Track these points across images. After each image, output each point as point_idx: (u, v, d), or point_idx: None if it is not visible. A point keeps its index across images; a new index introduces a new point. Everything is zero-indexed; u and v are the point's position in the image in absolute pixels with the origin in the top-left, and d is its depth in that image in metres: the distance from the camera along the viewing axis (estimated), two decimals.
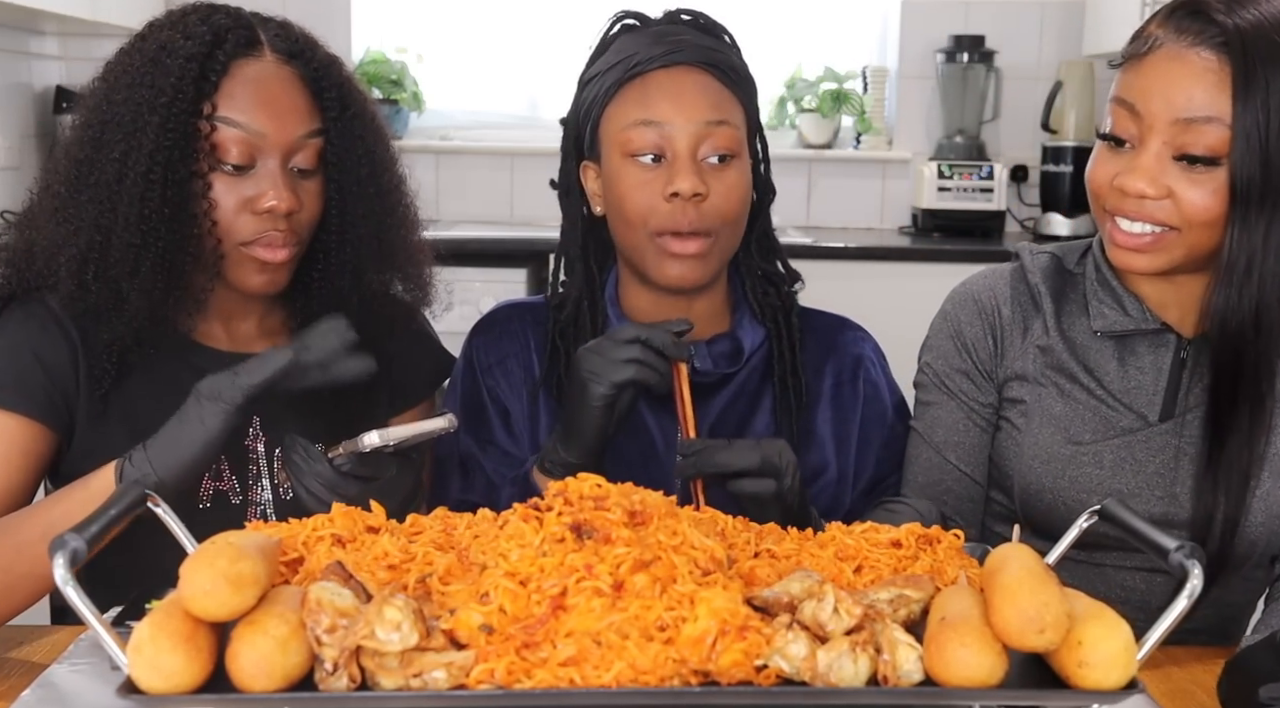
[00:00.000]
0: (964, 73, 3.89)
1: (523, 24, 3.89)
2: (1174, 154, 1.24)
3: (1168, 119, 1.23)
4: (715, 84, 1.42)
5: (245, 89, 1.31)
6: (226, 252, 1.32)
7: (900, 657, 0.81)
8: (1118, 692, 0.80)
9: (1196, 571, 0.86)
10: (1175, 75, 1.24)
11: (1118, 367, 1.37)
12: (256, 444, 1.40)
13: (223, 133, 1.30)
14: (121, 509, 0.94)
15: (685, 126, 1.38)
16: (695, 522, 0.99)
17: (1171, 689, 1.22)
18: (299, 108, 1.34)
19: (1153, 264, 1.28)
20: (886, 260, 3.50)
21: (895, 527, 1.06)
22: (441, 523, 1.04)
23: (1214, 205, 1.23)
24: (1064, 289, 1.41)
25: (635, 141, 1.39)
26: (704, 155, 1.39)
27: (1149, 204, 1.25)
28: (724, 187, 1.39)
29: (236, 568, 0.81)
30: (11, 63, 3.34)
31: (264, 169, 1.32)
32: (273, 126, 1.31)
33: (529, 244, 3.35)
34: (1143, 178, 1.24)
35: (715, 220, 1.39)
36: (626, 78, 1.41)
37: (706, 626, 0.81)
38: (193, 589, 0.80)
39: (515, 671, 0.79)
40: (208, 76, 1.30)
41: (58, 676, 1.09)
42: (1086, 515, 1.00)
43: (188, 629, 0.80)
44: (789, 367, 1.49)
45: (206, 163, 1.30)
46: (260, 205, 1.31)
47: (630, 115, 1.40)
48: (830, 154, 4.04)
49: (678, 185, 1.36)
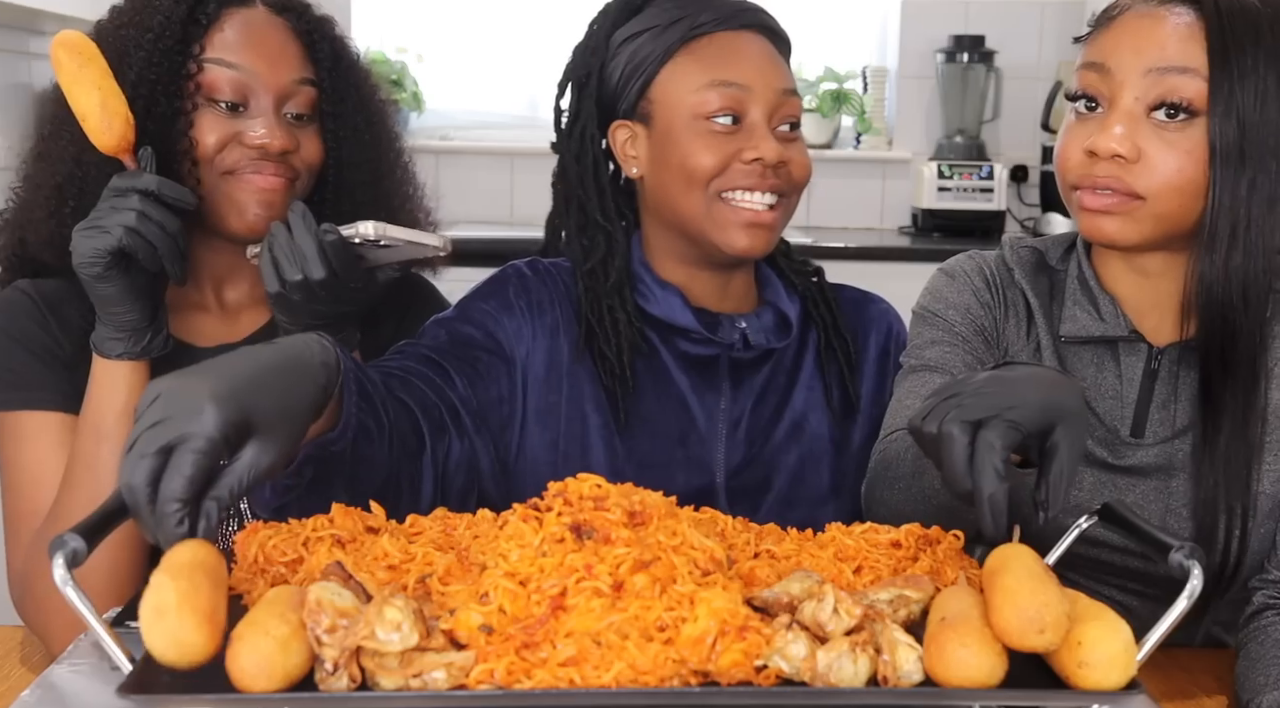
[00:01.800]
0: (964, 73, 3.89)
1: (523, 24, 3.89)
2: (1149, 105, 1.19)
3: (1140, 70, 1.19)
4: (776, 52, 1.41)
5: (236, 33, 1.32)
6: (210, 187, 1.31)
7: (900, 657, 0.81)
8: (1118, 692, 0.80)
9: (1197, 571, 0.85)
10: (1146, 30, 1.21)
11: (1094, 374, 1.32)
12: None
13: (213, 73, 1.30)
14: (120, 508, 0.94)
15: (764, 92, 1.35)
16: (695, 522, 0.99)
17: (1171, 689, 1.22)
18: (291, 54, 1.35)
19: (1123, 231, 1.22)
20: (886, 260, 3.50)
21: (895, 527, 1.06)
22: (441, 523, 1.04)
23: (1186, 167, 1.19)
24: (1050, 288, 1.36)
25: (712, 102, 1.34)
26: (778, 124, 1.37)
27: (1118, 168, 1.20)
28: (798, 155, 1.38)
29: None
30: (11, 63, 3.33)
31: (257, 109, 1.32)
32: (264, 68, 1.32)
33: (529, 244, 3.31)
34: (1113, 136, 1.19)
35: (790, 186, 1.38)
36: (690, 36, 1.37)
37: (706, 626, 0.81)
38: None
39: (515, 671, 0.79)
40: (198, 19, 1.31)
41: (58, 676, 1.09)
42: (1087, 516, 1.00)
43: (209, 607, 0.79)
44: (833, 330, 1.47)
45: (191, 102, 1.30)
46: (250, 140, 1.31)
47: (702, 75, 1.35)
48: (830, 154, 4.04)
49: (762, 151, 1.33)
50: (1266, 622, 1.22)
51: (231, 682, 0.78)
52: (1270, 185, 1.19)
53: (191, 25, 1.30)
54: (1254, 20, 1.18)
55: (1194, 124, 1.19)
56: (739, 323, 1.43)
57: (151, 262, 1.22)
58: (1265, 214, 1.19)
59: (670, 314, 1.41)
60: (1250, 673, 1.17)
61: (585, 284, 1.42)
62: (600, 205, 1.44)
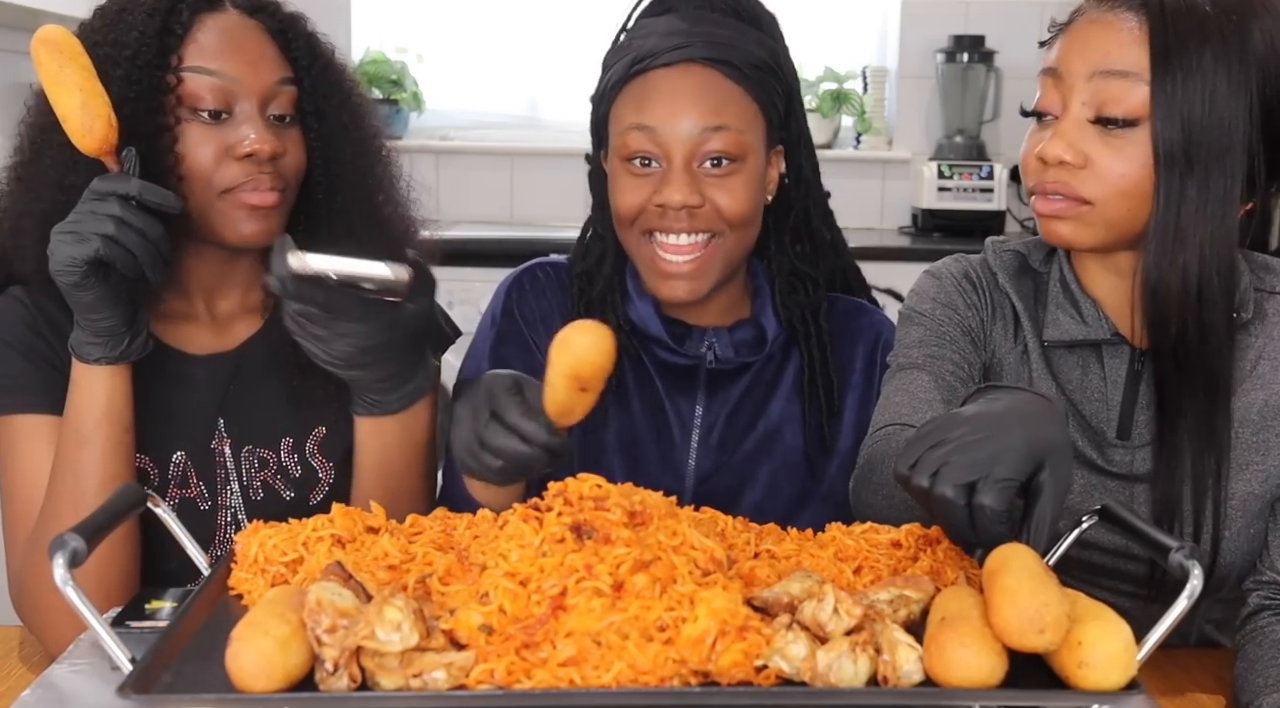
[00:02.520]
0: (964, 73, 3.89)
1: (523, 24, 3.89)
2: (1092, 116, 1.20)
3: (1085, 74, 1.20)
4: (722, 82, 1.36)
5: (212, 39, 1.30)
6: (206, 204, 1.29)
7: (900, 657, 0.81)
8: (1118, 692, 0.80)
9: (1196, 571, 0.85)
10: (1094, 35, 1.21)
11: (1080, 377, 1.31)
12: (223, 446, 1.37)
13: (193, 82, 1.28)
14: (120, 509, 0.94)
15: (678, 134, 1.34)
16: (695, 522, 0.99)
17: (1171, 689, 1.22)
18: (268, 55, 1.33)
19: (1077, 234, 1.23)
20: (886, 260, 3.49)
21: (895, 527, 1.06)
22: (441, 523, 1.04)
23: (1131, 172, 1.19)
24: (1034, 291, 1.35)
25: (629, 146, 1.37)
26: (700, 161, 1.35)
27: (1067, 174, 1.20)
28: (724, 193, 1.36)
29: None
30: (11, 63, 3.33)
31: (241, 115, 1.29)
32: (245, 72, 1.30)
33: (529, 244, 3.34)
34: (1061, 143, 1.20)
35: (717, 224, 1.37)
36: (629, 76, 1.38)
37: (706, 626, 0.81)
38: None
39: (515, 671, 0.79)
40: (172, 29, 1.28)
41: (58, 676, 1.09)
42: (1087, 516, 1.00)
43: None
44: (819, 367, 1.46)
45: (174, 116, 1.27)
46: (240, 150, 1.28)
47: (628, 118, 1.38)
48: (830, 154, 4.03)
49: (667, 197, 1.35)
50: (1264, 623, 1.22)
51: (231, 682, 0.78)
52: (1223, 183, 1.18)
53: (167, 37, 1.28)
54: (1200, 20, 1.17)
55: (1139, 129, 1.19)
56: (709, 338, 1.46)
57: (131, 270, 1.18)
58: (1220, 211, 1.18)
59: (643, 323, 1.45)
60: (1249, 675, 1.17)
61: (579, 286, 1.48)
62: (601, 214, 1.48)
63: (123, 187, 1.18)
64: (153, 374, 1.30)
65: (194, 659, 0.85)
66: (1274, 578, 1.26)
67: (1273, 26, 1.18)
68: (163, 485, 1.34)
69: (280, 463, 1.39)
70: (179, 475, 1.35)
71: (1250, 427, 1.27)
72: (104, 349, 1.23)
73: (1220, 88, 1.17)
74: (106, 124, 1.18)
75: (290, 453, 1.39)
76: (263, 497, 1.37)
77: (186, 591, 1.03)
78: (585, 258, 1.49)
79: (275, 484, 1.38)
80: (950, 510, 0.92)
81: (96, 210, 1.17)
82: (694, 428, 1.46)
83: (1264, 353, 1.27)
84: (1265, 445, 1.27)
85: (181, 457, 1.35)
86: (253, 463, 1.38)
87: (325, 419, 1.39)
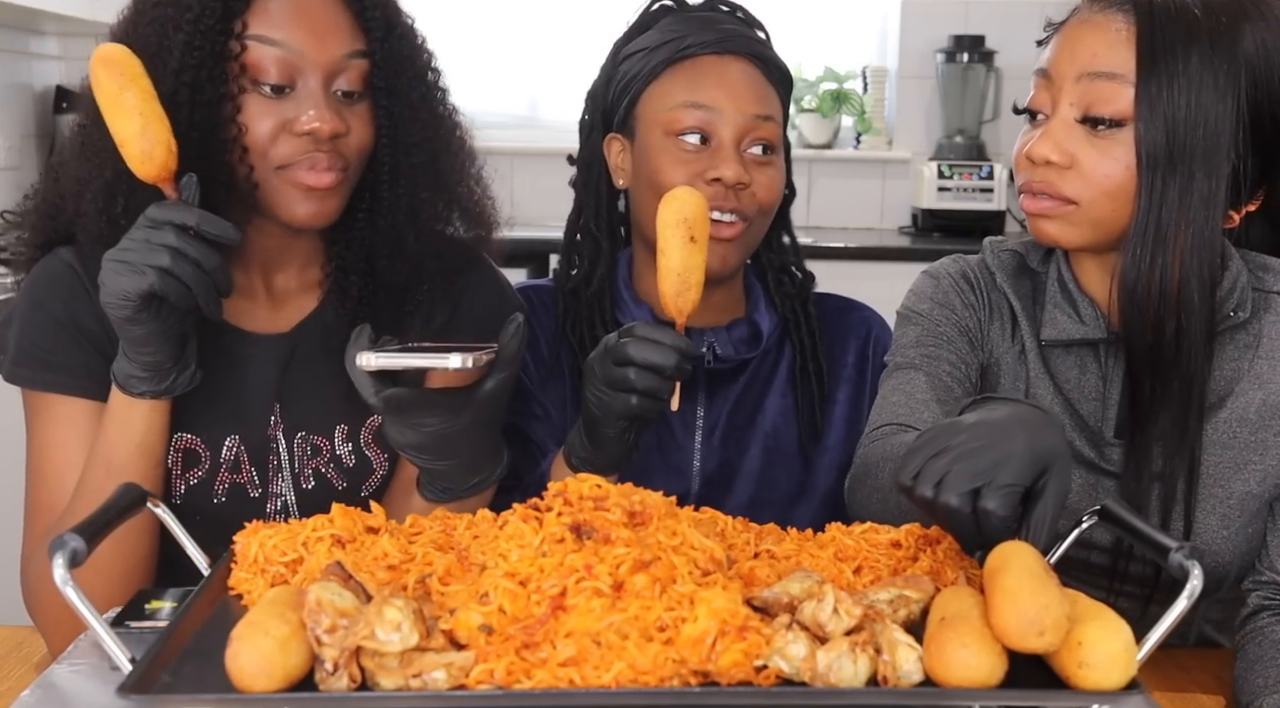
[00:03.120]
0: (964, 73, 3.90)
1: (523, 24, 3.89)
2: (1079, 116, 1.21)
3: (1073, 76, 1.21)
4: (761, 78, 1.44)
5: (280, 6, 1.23)
6: (262, 179, 1.24)
7: (900, 657, 0.81)
8: (1118, 692, 0.80)
9: (1196, 571, 0.85)
10: (1084, 36, 1.22)
11: (1078, 376, 1.32)
12: (277, 432, 1.33)
13: (257, 51, 1.21)
14: (120, 509, 0.94)
15: (734, 116, 1.40)
16: (695, 522, 0.99)
17: (1171, 689, 1.22)
18: (340, 26, 1.25)
19: (1063, 234, 1.23)
20: (886, 260, 3.50)
21: (895, 527, 1.06)
22: (441, 524, 1.04)
23: (1116, 173, 1.19)
24: (1032, 290, 1.36)
25: (683, 121, 1.40)
26: (747, 147, 1.41)
27: (1054, 174, 1.21)
28: (765, 179, 1.42)
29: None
30: (11, 63, 3.34)
31: (304, 90, 1.23)
32: (312, 44, 1.23)
33: (529, 244, 3.35)
34: (1048, 143, 1.21)
35: (753, 208, 1.41)
36: (676, 58, 1.42)
37: (706, 626, 0.81)
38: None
39: (515, 671, 0.79)
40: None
41: (58, 676, 1.09)
42: (1087, 516, 1.00)
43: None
44: (810, 354, 1.50)
45: (237, 85, 1.21)
46: (300, 127, 1.22)
47: (678, 95, 1.41)
48: (830, 154, 4.04)
49: (722, 171, 1.38)
50: (1263, 623, 1.22)
51: (231, 682, 0.78)
52: (1207, 186, 1.18)
53: (233, 1, 1.22)
54: (1189, 23, 1.18)
55: (1125, 130, 1.19)
56: (707, 337, 1.47)
57: (185, 303, 1.13)
58: (1203, 214, 1.18)
59: None
60: (1249, 675, 1.17)
61: (565, 304, 1.50)
62: (595, 212, 1.50)
63: (180, 216, 1.12)
64: (209, 350, 1.26)
65: (194, 659, 0.85)
66: (1274, 578, 1.26)
67: (1264, 30, 1.18)
68: (214, 469, 1.31)
69: (334, 452, 1.35)
70: (231, 460, 1.31)
71: (1249, 426, 1.27)
72: (150, 384, 1.18)
73: (1206, 90, 1.17)
74: (166, 150, 1.13)
75: (344, 441, 1.35)
76: (314, 486, 1.33)
77: (186, 591, 1.02)
78: (573, 265, 1.51)
79: (328, 473, 1.34)
80: (955, 519, 0.92)
81: (151, 240, 1.11)
82: (696, 429, 1.48)
83: (1261, 352, 1.27)
84: (1264, 444, 1.27)
85: (235, 441, 1.31)
86: (305, 450, 1.34)
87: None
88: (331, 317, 1.33)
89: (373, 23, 1.27)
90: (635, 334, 1.17)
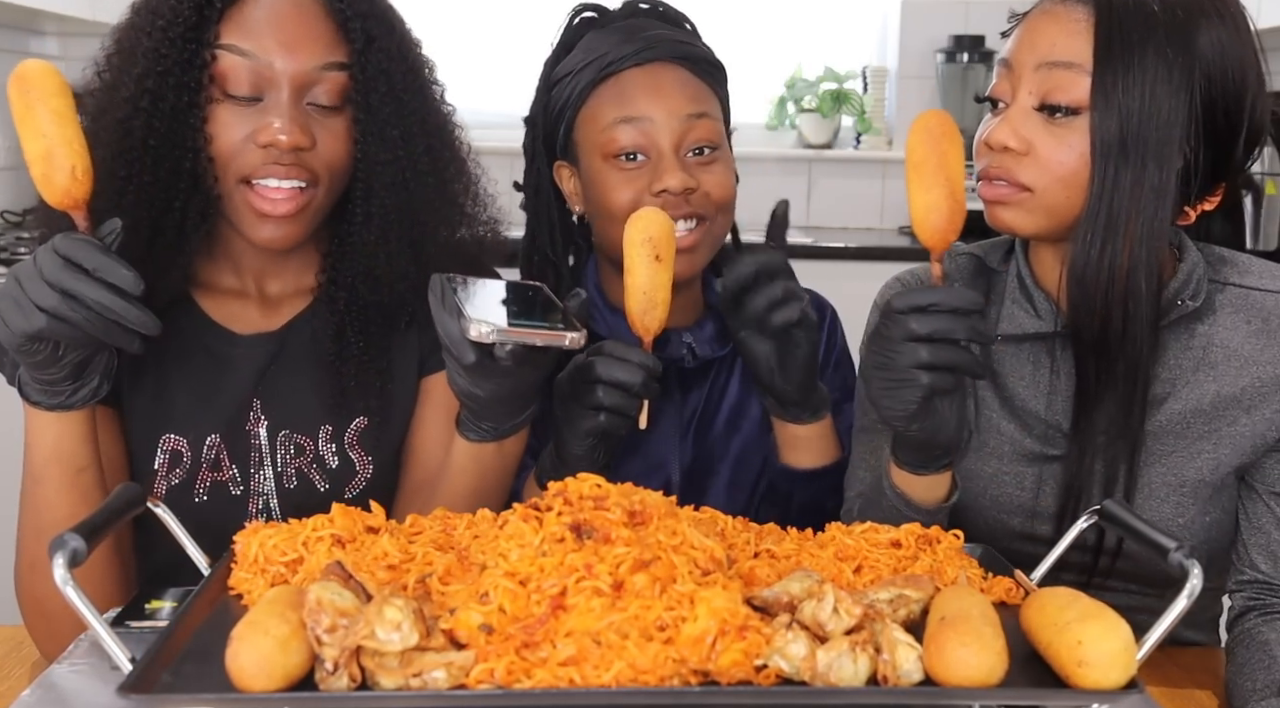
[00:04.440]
0: (964, 73, 3.90)
1: (523, 24, 3.89)
2: (1036, 104, 1.22)
3: (1032, 65, 1.22)
4: (691, 78, 1.42)
5: (255, 15, 1.21)
6: (226, 192, 1.21)
7: (900, 657, 0.81)
8: (1118, 692, 0.80)
9: (1196, 570, 0.86)
10: (1044, 27, 1.23)
11: (1032, 371, 1.32)
12: (257, 428, 1.32)
13: (228, 61, 1.20)
14: (119, 509, 0.94)
15: (667, 122, 1.38)
16: (695, 522, 0.99)
17: (1171, 689, 1.22)
18: (317, 37, 1.23)
19: (1018, 220, 1.24)
20: (886, 260, 3.50)
21: (895, 527, 1.06)
22: (441, 523, 1.04)
23: (1070, 161, 1.20)
24: (989, 290, 1.37)
25: (617, 141, 1.38)
26: (686, 150, 1.39)
27: (1010, 160, 1.22)
28: (713, 177, 1.40)
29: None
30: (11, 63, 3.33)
31: (273, 101, 1.21)
32: (282, 56, 1.20)
33: None
34: (1004, 129, 1.22)
35: (708, 207, 1.40)
36: (600, 77, 1.41)
37: (706, 625, 0.81)
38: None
39: (515, 671, 0.79)
40: (213, 1, 1.20)
41: (58, 676, 1.09)
42: (1086, 516, 1.01)
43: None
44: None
45: (206, 94, 1.19)
46: (262, 138, 1.20)
47: (608, 115, 1.39)
48: (830, 154, 4.04)
49: (667, 182, 1.36)
50: (1250, 625, 1.23)
51: (231, 682, 0.78)
52: (1158, 177, 1.19)
53: (206, 7, 1.19)
54: (1146, 17, 1.19)
55: (1080, 118, 1.20)
56: (685, 338, 1.47)
57: (80, 342, 1.06)
58: (1153, 205, 1.19)
59: (615, 334, 1.42)
60: (1239, 679, 1.17)
61: None
62: (550, 239, 1.50)
63: (79, 254, 1.03)
64: (196, 350, 1.26)
65: (194, 659, 0.85)
66: (1255, 576, 1.26)
67: (1220, 28, 1.20)
68: (195, 468, 1.30)
69: (317, 452, 1.34)
70: (212, 458, 1.31)
71: (1202, 416, 1.27)
72: (46, 397, 1.12)
73: (1160, 83, 1.18)
74: (70, 176, 1.05)
75: (328, 442, 1.34)
76: (296, 485, 1.32)
77: (186, 591, 1.02)
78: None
79: (310, 474, 1.34)
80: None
81: (47, 275, 1.02)
82: (673, 426, 1.47)
83: (1214, 341, 1.28)
84: (1217, 433, 1.27)
85: (215, 439, 1.31)
86: (288, 449, 1.33)
87: (367, 410, 1.34)
88: (321, 320, 1.33)
89: (353, 34, 1.25)
90: (603, 352, 1.20)
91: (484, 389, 1.14)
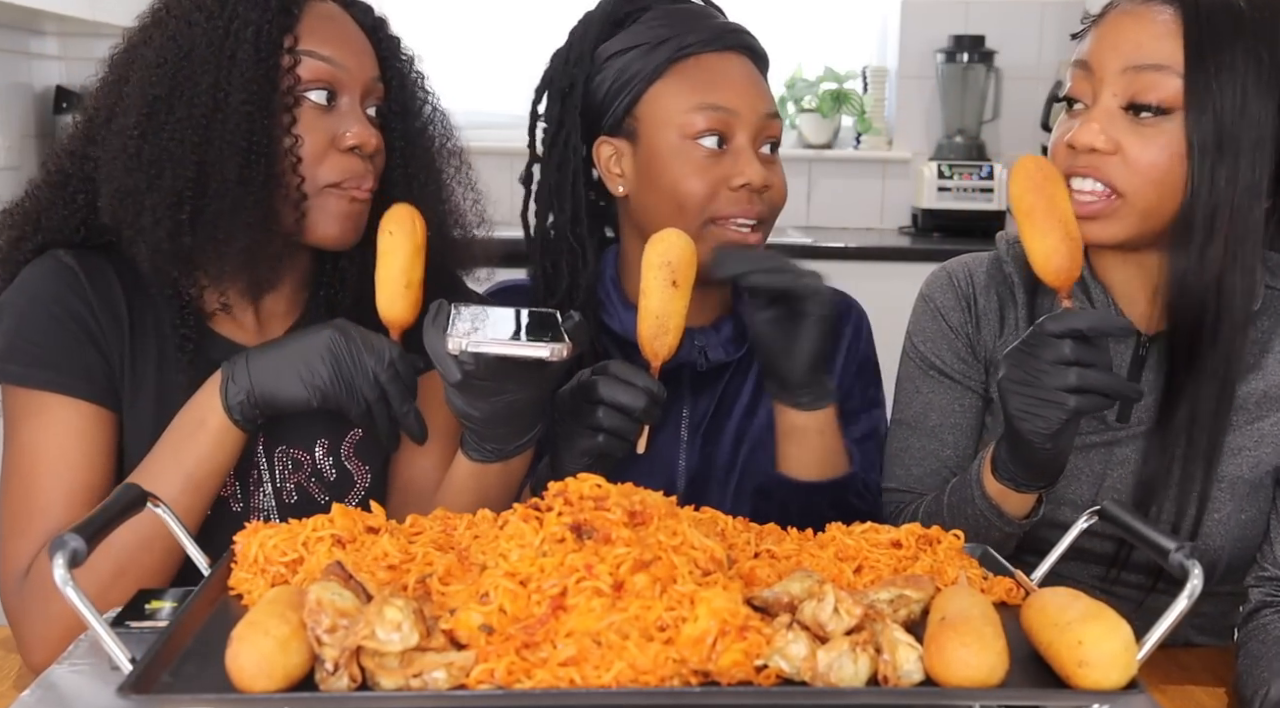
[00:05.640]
0: (964, 73, 3.90)
1: (523, 24, 3.89)
2: (1123, 104, 1.21)
3: (1117, 69, 1.21)
4: (758, 73, 1.42)
5: (324, 25, 1.27)
6: (309, 193, 1.25)
7: (900, 657, 0.81)
8: (1118, 692, 0.80)
9: (1196, 571, 0.86)
10: (1127, 28, 1.23)
11: None
12: (256, 445, 1.32)
13: (310, 65, 1.25)
14: (119, 509, 0.94)
15: (750, 117, 1.37)
16: (695, 522, 0.99)
17: (1171, 689, 1.22)
18: (368, 49, 1.31)
19: (1106, 232, 1.24)
20: (886, 260, 3.50)
21: (895, 527, 1.06)
22: (441, 523, 1.04)
23: (1161, 162, 1.20)
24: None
25: (700, 124, 1.36)
26: (759, 146, 1.38)
27: (1098, 160, 1.22)
28: (778, 178, 1.40)
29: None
30: (11, 63, 3.33)
31: (345, 106, 1.27)
32: (353, 62, 1.28)
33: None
34: (1090, 130, 1.22)
35: (770, 211, 1.39)
36: (677, 56, 1.38)
37: (706, 626, 0.81)
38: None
39: (515, 671, 0.79)
40: (289, 9, 1.25)
41: (58, 676, 1.09)
42: (1086, 515, 1.01)
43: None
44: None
45: (292, 97, 1.24)
46: (345, 142, 1.25)
47: (689, 97, 1.37)
48: (830, 154, 4.04)
49: (749, 176, 1.35)
50: (1265, 620, 1.23)
51: (231, 682, 0.78)
52: (1251, 177, 1.19)
53: (285, 14, 1.24)
54: (1234, 16, 1.19)
55: (1170, 119, 1.20)
56: (696, 340, 1.44)
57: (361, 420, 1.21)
58: (1246, 205, 1.20)
59: (628, 331, 1.41)
60: (1254, 669, 1.17)
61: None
62: (572, 220, 1.45)
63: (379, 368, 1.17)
64: (201, 363, 1.26)
65: (194, 659, 0.85)
66: (1276, 574, 1.27)
67: None
68: None
69: (315, 465, 1.34)
70: None
71: (1246, 414, 1.29)
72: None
73: (1251, 83, 1.18)
74: (412, 308, 1.19)
75: (325, 456, 1.35)
76: (296, 500, 1.33)
77: (186, 591, 1.02)
78: (552, 285, 1.45)
79: (309, 488, 1.34)
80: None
81: (377, 370, 1.17)
82: (682, 428, 1.46)
83: (1270, 346, 1.30)
84: (1259, 433, 1.29)
85: None
86: (286, 464, 1.33)
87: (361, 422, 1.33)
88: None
89: (386, 52, 1.33)
90: (608, 373, 1.19)
91: (478, 409, 1.14)
